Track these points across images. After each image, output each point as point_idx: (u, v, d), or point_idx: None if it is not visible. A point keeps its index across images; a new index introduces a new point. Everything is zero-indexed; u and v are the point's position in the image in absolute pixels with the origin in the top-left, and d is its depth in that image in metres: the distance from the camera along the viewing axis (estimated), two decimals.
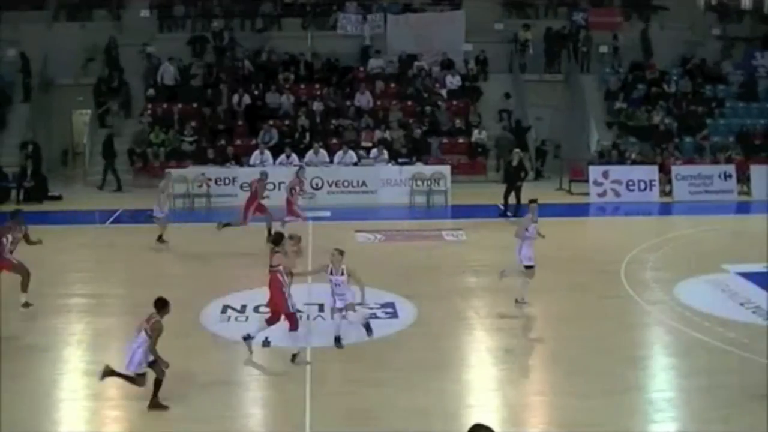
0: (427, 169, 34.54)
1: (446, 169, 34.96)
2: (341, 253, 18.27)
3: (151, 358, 15.34)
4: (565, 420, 15.69)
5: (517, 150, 33.43)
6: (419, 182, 34.04)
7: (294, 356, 17.69)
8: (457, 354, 18.91)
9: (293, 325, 17.80)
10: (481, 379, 17.66)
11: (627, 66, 43.28)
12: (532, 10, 45.71)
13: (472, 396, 16.92)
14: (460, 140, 39.02)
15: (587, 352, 18.47)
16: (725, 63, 44.49)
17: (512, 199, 31.23)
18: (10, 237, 20.63)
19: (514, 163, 32.15)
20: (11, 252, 20.71)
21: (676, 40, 44.44)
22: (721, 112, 41.86)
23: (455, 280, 23.92)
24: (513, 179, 31.78)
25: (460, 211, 32.49)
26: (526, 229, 21.29)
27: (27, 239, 21.18)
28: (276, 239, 18.58)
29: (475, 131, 38.97)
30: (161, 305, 15.47)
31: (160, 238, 27.09)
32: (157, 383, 15.41)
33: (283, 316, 17.79)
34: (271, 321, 18.11)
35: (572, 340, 19.15)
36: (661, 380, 17.81)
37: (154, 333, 15.18)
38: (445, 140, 38.63)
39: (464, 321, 20.99)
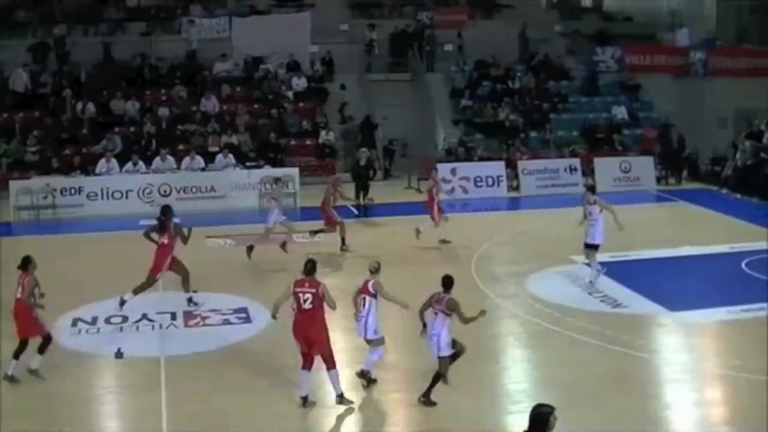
0: (276, 172, 34.35)
1: (295, 172, 34.84)
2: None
3: None
4: (422, 417, 15.76)
5: (364, 149, 33.49)
6: (268, 185, 33.83)
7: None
8: None
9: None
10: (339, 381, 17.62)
11: (472, 64, 43.76)
12: (377, 11, 46.01)
13: (329, 397, 16.84)
14: (308, 142, 38.92)
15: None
16: (568, 59, 45.41)
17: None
18: None
19: (362, 162, 32.21)
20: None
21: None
22: (564, 107, 42.71)
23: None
24: (362, 178, 31.87)
25: (310, 213, 32.34)
26: (590, 213, 23.07)
27: None
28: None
29: (323, 132, 38.92)
30: None
31: None
32: None
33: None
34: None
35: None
36: (516, 372, 18.06)
37: None
38: (293, 142, 38.48)
39: None
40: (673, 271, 24.47)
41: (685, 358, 19.18)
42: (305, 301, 15.99)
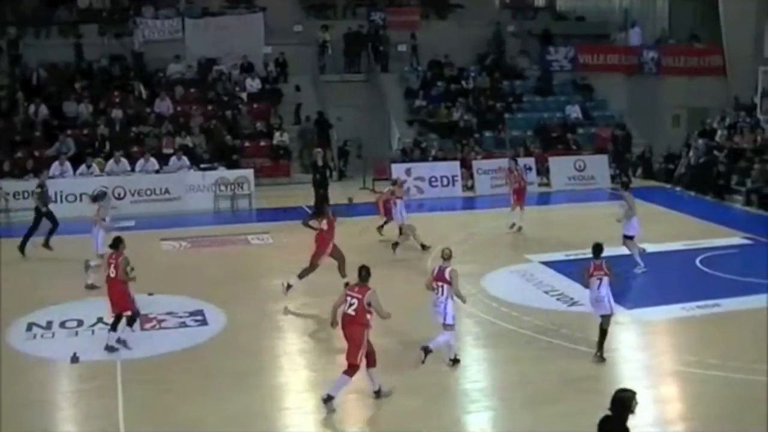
0: (231, 174, 34.23)
1: (249, 173, 34.71)
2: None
3: None
4: (380, 417, 15.77)
5: (318, 150, 33.45)
6: (223, 187, 33.72)
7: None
8: (269, 358, 18.85)
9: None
10: (296, 382, 17.65)
11: (426, 64, 43.80)
12: (330, 12, 45.92)
13: (287, 399, 16.87)
14: (262, 143, 38.78)
15: (400, 348, 18.58)
16: (521, 59, 45.56)
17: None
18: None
19: (320, 162, 32.23)
20: None
21: (474, 37, 45.19)
22: (518, 107, 42.87)
23: (264, 283, 23.77)
24: (321, 178, 31.99)
25: (266, 215, 32.35)
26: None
27: None
28: None
29: (277, 134, 38.80)
30: None
31: None
32: None
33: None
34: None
35: (383, 337, 19.22)
36: (474, 371, 18.05)
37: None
38: (247, 144, 38.34)
39: (275, 324, 20.95)
40: (628, 269, 24.59)
41: (642, 355, 19.27)
42: (350, 306, 16.18)
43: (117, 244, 19.11)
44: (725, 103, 40.90)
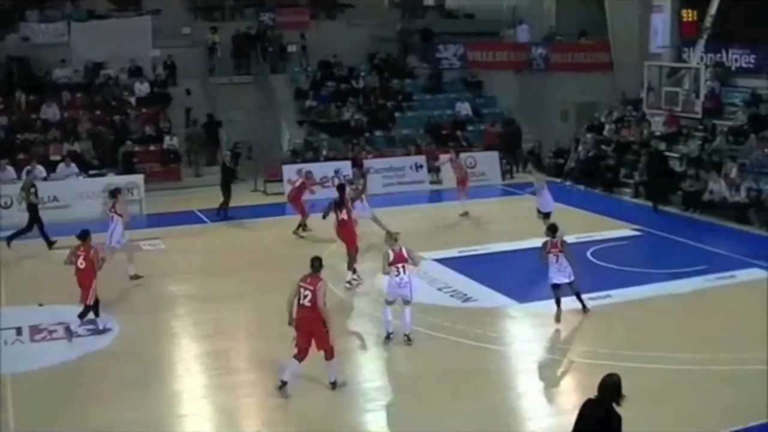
0: (120, 180, 33.66)
1: (139, 178, 34.24)
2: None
3: None
4: (278, 419, 15.69)
5: (227, 152, 33.53)
6: None
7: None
8: (164, 364, 18.62)
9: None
10: (191, 388, 17.48)
11: (316, 64, 43.71)
12: (219, 13, 45.67)
13: (183, 405, 16.69)
14: (152, 148, 38.28)
15: (291, 351, 18.50)
16: (411, 57, 45.72)
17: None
18: None
19: (227, 162, 32.29)
20: None
21: (363, 36, 45.25)
22: (409, 106, 43.00)
23: (156, 289, 23.53)
24: (229, 178, 32.13)
25: (157, 220, 31.95)
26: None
27: None
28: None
29: (167, 137, 38.37)
30: None
31: None
32: None
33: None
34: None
35: (276, 340, 19.15)
36: (370, 371, 18.05)
37: None
38: (136, 148, 37.76)
39: (168, 330, 20.80)
40: (521, 263, 24.82)
41: (536, 347, 19.50)
42: (304, 297, 16.31)
43: (85, 236, 20.15)
44: (612, 98, 41.58)
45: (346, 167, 34.66)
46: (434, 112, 42.87)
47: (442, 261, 25.27)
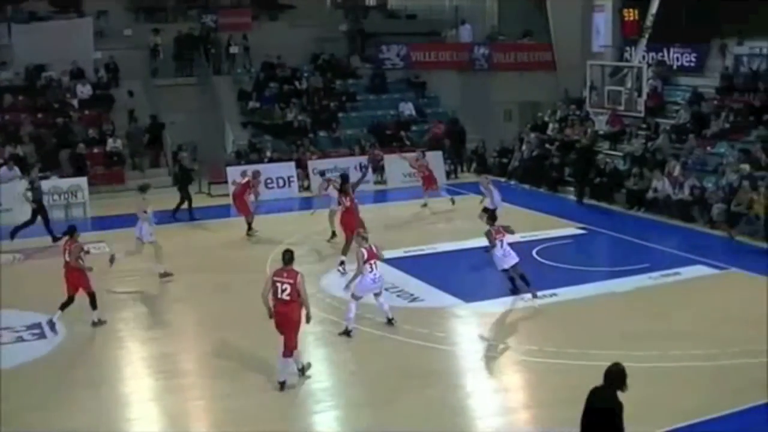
0: (63, 183, 33.41)
1: (83, 181, 33.93)
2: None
3: None
4: (227, 421, 15.64)
5: (185, 154, 33.40)
6: (56, 196, 32.92)
7: None
8: (111, 368, 18.44)
9: None
10: (139, 391, 17.31)
11: (258, 65, 43.60)
12: (161, 14, 45.31)
13: (131, 409, 16.54)
14: (95, 150, 37.93)
15: (239, 353, 18.47)
16: (354, 58, 45.74)
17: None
18: None
19: (186, 164, 32.25)
20: None
21: (306, 37, 45.17)
22: (353, 106, 43.02)
23: (101, 293, 23.30)
24: (187, 180, 32.48)
25: (101, 223, 31.70)
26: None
27: None
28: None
29: (110, 140, 38.04)
30: None
31: None
32: None
33: None
34: None
35: (222, 343, 19.14)
36: (317, 371, 17.95)
37: None
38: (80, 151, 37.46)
39: (115, 333, 20.56)
40: (467, 263, 24.92)
41: (483, 347, 19.54)
42: (283, 291, 16.22)
43: (71, 232, 20.68)
44: (556, 98, 41.89)
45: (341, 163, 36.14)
46: (378, 112, 42.91)
47: (389, 261, 25.03)
